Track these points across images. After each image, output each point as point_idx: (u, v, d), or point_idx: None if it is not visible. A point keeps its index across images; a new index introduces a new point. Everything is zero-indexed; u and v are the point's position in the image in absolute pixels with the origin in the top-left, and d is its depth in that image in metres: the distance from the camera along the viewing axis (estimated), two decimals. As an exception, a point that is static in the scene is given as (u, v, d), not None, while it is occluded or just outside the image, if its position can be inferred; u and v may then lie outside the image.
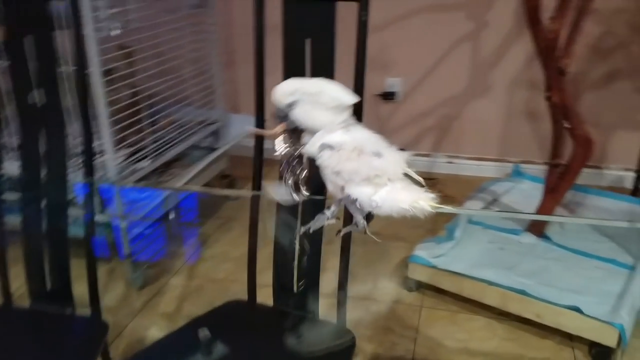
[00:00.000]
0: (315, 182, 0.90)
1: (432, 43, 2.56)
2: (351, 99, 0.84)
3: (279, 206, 1.14)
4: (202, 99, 2.33)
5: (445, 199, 0.79)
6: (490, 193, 2.20)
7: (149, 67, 2.02)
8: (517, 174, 2.41)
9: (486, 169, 2.63)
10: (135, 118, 1.96)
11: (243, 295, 1.20)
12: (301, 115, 0.84)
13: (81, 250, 1.15)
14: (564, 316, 1.56)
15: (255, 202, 1.18)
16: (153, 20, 1.99)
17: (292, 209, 1.10)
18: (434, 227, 1.98)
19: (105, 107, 1.74)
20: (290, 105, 0.84)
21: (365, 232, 0.87)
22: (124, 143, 1.89)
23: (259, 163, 1.15)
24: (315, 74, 1.08)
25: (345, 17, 1.05)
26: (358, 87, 1.03)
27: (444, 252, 1.80)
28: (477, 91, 2.58)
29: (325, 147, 0.82)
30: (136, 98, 1.98)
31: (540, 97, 2.56)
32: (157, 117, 2.12)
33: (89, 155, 1.15)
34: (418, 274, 1.77)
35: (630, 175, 2.49)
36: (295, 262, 1.12)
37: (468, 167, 2.68)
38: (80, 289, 1.16)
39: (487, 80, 2.56)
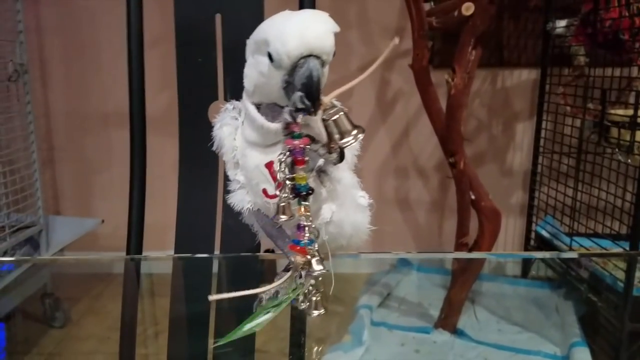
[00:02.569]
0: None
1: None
2: None
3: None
4: (10, 196, 1.79)
5: (332, 299, 0.61)
6: (383, 286, 1.90)
7: None
8: (404, 264, 2.15)
9: (364, 264, 2.34)
10: None
11: None
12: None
13: None
14: None
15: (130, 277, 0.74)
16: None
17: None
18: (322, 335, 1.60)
19: None
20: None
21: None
22: None
23: (137, 222, 0.72)
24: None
25: None
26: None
27: (355, 362, 1.42)
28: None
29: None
30: None
31: (409, 184, 2.44)
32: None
33: None
34: (333, 394, 1.36)
35: (510, 260, 2.37)
36: None
37: (344, 264, 2.37)
38: None
39: (355, 169, 2.35)
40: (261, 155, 0.53)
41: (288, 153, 0.49)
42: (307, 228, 0.51)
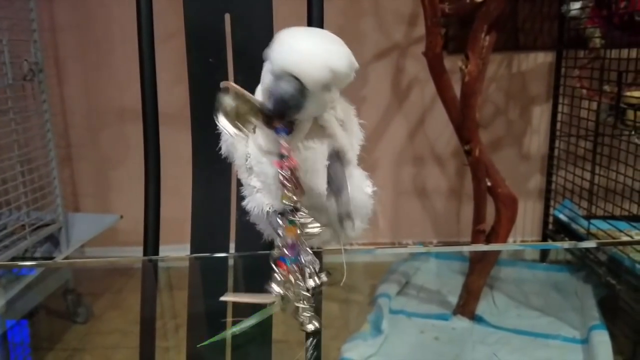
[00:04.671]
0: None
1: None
2: None
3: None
4: (29, 195, 1.81)
5: (350, 289, 0.72)
6: (401, 275, 1.90)
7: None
8: (421, 253, 2.16)
9: (381, 254, 2.34)
10: None
11: None
12: (318, 105, 0.52)
13: None
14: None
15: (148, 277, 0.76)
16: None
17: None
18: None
19: None
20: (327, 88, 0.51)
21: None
22: None
23: (154, 220, 0.73)
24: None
25: None
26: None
27: (374, 350, 1.44)
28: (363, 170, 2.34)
29: None
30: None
31: (426, 172, 2.44)
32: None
33: None
34: (352, 383, 1.36)
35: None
36: None
37: (362, 254, 2.37)
38: None
39: (372, 158, 2.34)
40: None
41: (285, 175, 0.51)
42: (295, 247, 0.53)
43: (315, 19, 0.80)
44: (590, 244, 1.86)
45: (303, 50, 0.49)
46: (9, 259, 1.63)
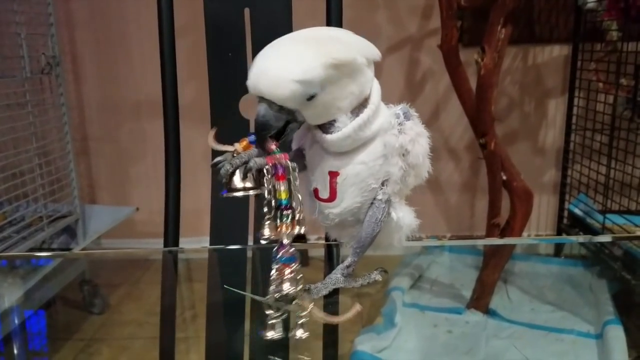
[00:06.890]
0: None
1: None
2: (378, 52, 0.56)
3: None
4: (46, 187, 1.83)
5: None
6: (415, 268, 1.90)
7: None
8: (434, 247, 2.15)
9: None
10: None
11: None
12: (324, 106, 0.51)
13: None
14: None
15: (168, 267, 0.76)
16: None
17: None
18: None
19: None
20: (311, 99, 0.49)
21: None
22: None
23: (174, 212, 0.74)
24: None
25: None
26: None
27: (387, 343, 1.44)
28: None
29: (408, 114, 0.56)
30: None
31: (440, 166, 2.43)
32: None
33: None
34: (365, 375, 1.37)
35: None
36: None
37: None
38: None
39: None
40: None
41: (271, 169, 0.49)
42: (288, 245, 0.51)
43: (333, 13, 0.81)
44: (606, 238, 1.85)
45: (260, 69, 0.47)
46: (27, 250, 1.65)
